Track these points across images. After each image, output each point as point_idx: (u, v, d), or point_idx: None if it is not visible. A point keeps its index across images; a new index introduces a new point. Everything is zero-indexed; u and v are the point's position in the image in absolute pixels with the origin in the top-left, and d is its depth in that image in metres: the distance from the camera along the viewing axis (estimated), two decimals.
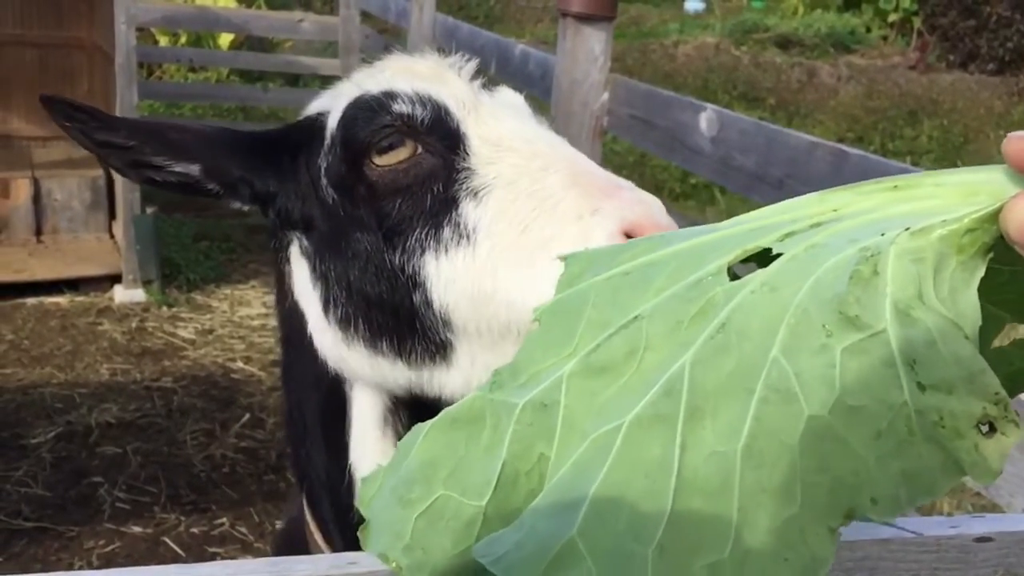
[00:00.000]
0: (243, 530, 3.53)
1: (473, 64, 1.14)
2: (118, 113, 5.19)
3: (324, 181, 1.07)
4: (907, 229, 0.52)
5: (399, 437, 1.08)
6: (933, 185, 0.55)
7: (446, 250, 0.99)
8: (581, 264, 0.59)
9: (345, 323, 1.05)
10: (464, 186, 0.99)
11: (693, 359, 0.52)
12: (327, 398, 1.11)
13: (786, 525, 0.48)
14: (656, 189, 7.74)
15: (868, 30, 14.22)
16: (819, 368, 0.49)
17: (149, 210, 5.33)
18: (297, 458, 1.18)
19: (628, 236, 0.92)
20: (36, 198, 5.60)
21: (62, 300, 5.28)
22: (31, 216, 5.60)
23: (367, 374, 1.06)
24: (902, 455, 0.47)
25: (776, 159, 2.24)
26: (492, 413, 0.56)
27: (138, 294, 5.35)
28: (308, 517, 1.18)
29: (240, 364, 4.78)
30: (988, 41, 12.74)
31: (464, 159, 1.01)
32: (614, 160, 7.87)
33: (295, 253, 1.11)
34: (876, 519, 0.47)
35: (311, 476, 1.15)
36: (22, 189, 5.56)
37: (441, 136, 1.02)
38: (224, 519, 3.57)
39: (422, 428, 0.58)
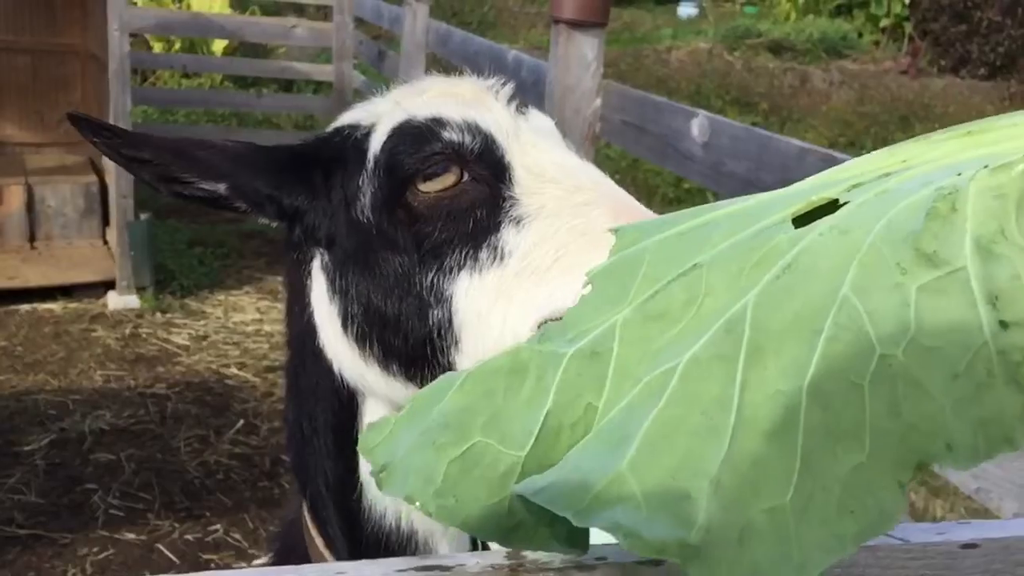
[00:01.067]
0: (237, 537, 3.52)
1: (510, 87, 1.13)
2: (111, 119, 5.18)
3: (362, 202, 1.06)
4: (986, 167, 0.49)
5: None
6: (1009, 126, 0.53)
7: (480, 271, 1.00)
8: (632, 236, 0.57)
9: (361, 340, 1.06)
10: (507, 214, 1.00)
11: (756, 300, 0.49)
12: (339, 409, 1.12)
13: (853, 474, 0.45)
14: (649, 194, 7.77)
15: (860, 35, 14.27)
16: (892, 307, 0.46)
17: (143, 216, 5.33)
18: (301, 464, 1.18)
19: None
20: (29, 204, 5.59)
21: (55, 307, 5.27)
22: (24, 222, 5.59)
23: (383, 391, 1.08)
24: (980, 400, 0.44)
25: (767, 165, 2.25)
26: (537, 364, 0.53)
27: (132, 300, 5.34)
28: (308, 522, 1.18)
29: (234, 370, 4.78)
30: (979, 46, 12.79)
31: (508, 188, 1.02)
32: (607, 165, 7.88)
33: (316, 267, 1.10)
34: (953, 466, 0.44)
35: (316, 482, 1.15)
36: (15, 195, 5.55)
37: (487, 165, 1.02)
38: (218, 526, 3.57)
39: (455, 378, 0.54)
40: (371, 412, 1.11)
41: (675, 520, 0.44)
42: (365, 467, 1.10)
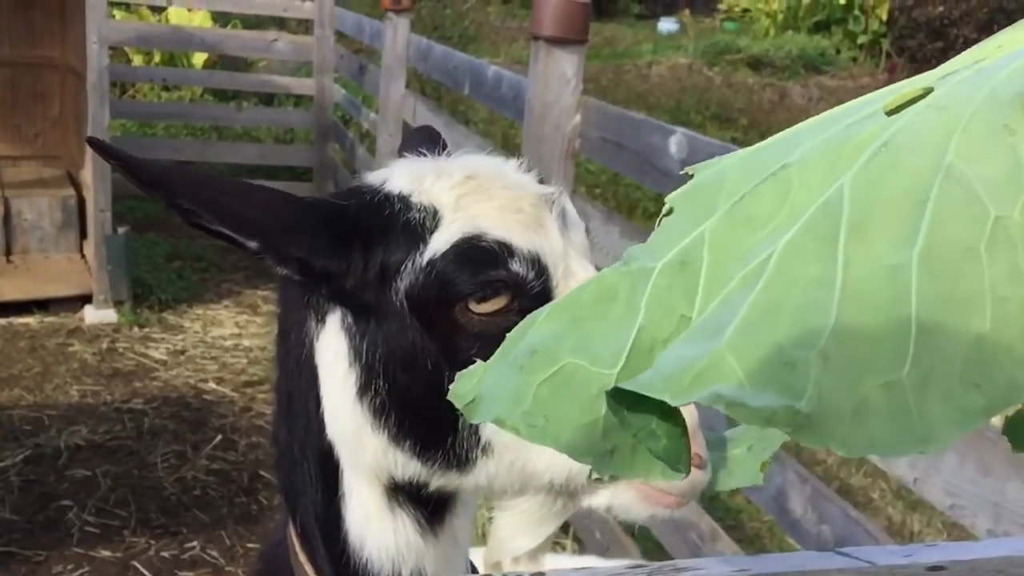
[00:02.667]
0: (214, 554, 3.50)
1: (563, 193, 1.13)
2: (90, 131, 5.15)
3: (397, 286, 1.04)
4: None
5: (414, 519, 1.11)
6: None
7: None
8: (710, 164, 0.54)
9: (379, 414, 1.05)
10: None
11: (853, 179, 0.46)
12: (328, 455, 1.12)
13: (976, 346, 0.42)
14: (630, 208, 7.79)
15: (838, 52, 14.41)
16: (1003, 168, 0.43)
17: (121, 230, 5.29)
18: (290, 487, 1.17)
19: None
20: (6, 218, 5.55)
21: (31, 321, 5.22)
22: (0, 236, 5.54)
23: (371, 459, 1.08)
24: None
25: None
26: (626, 284, 0.50)
27: (109, 315, 5.30)
28: (297, 547, 1.17)
29: (212, 385, 4.75)
30: None
31: None
32: (588, 179, 7.91)
33: (334, 321, 1.08)
34: None
35: (305, 508, 1.15)
36: None
37: (537, 296, 1.02)
38: (195, 542, 3.54)
39: (538, 313, 0.52)
40: (349, 476, 1.11)
41: (782, 390, 0.42)
42: (351, 513, 1.11)
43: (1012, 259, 0.42)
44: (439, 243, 1.03)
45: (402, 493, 1.11)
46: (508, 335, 0.53)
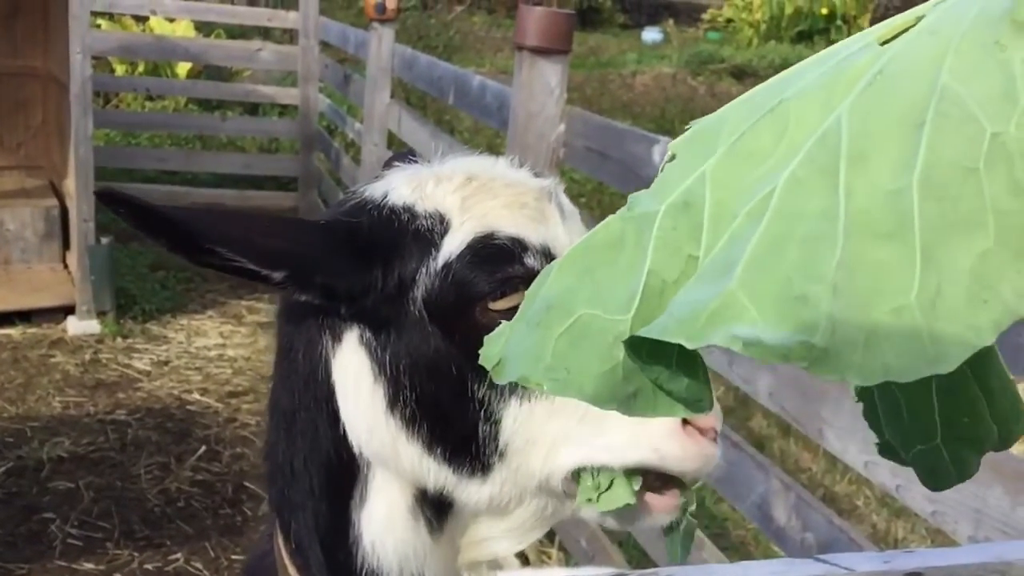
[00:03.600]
0: (198, 566, 3.48)
1: (560, 185, 1.16)
2: (72, 142, 5.14)
3: (418, 298, 1.05)
4: None
5: (427, 520, 1.13)
6: None
7: (530, 400, 1.04)
8: (706, 118, 0.55)
9: (411, 424, 1.07)
10: None
11: (849, 109, 0.47)
12: (341, 467, 1.13)
13: (981, 262, 0.42)
14: None
15: None
16: (997, 85, 0.44)
17: (104, 240, 5.27)
18: (284, 501, 1.17)
19: (684, 421, 1.02)
20: None
21: (14, 332, 5.19)
22: None
23: (412, 467, 1.09)
24: None
25: None
26: (632, 229, 0.51)
27: (92, 325, 5.27)
28: (285, 559, 1.17)
29: (196, 396, 4.72)
30: None
31: None
32: (572, 189, 7.93)
33: (351, 339, 1.09)
34: None
35: (301, 521, 1.15)
36: None
37: None
38: (179, 555, 3.51)
39: (550, 267, 0.53)
40: (386, 484, 1.12)
41: (796, 326, 0.43)
42: (364, 526, 1.12)
43: (1010, 173, 0.43)
44: (452, 246, 1.05)
45: (426, 498, 1.13)
46: (525, 294, 0.54)
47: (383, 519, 1.12)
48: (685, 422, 1.03)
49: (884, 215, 0.44)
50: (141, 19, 9.31)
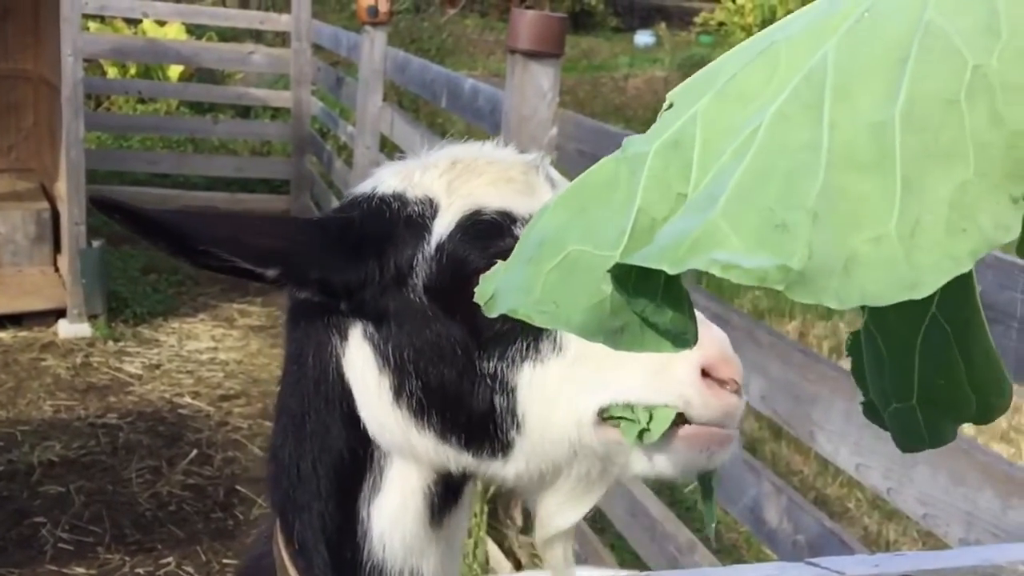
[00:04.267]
0: (189, 570, 3.46)
1: (548, 159, 1.16)
2: (63, 145, 5.13)
3: (414, 282, 1.07)
4: None
5: (432, 510, 1.13)
6: None
7: (542, 361, 1.03)
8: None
9: (419, 413, 1.07)
10: None
11: (836, 47, 0.48)
12: (352, 465, 1.14)
13: (960, 192, 0.43)
14: None
15: None
16: (980, 18, 0.45)
17: (95, 243, 5.25)
18: (289, 502, 1.17)
19: (704, 373, 1.00)
20: None
21: (4, 335, 5.17)
22: None
23: (428, 457, 1.10)
24: None
25: None
26: (624, 169, 0.52)
27: (83, 329, 5.26)
28: (286, 560, 1.17)
29: (188, 399, 4.71)
30: None
31: None
32: None
33: (356, 335, 1.10)
34: None
35: (306, 523, 1.16)
36: None
37: None
38: (170, 559, 3.50)
39: (545, 206, 0.55)
40: (400, 476, 1.13)
41: (774, 250, 0.44)
42: (374, 520, 1.13)
43: (991, 105, 0.43)
44: (442, 227, 1.06)
45: (438, 490, 1.13)
46: (522, 234, 0.56)
47: (393, 512, 1.13)
48: (705, 374, 1.01)
49: (866, 147, 0.45)
50: (133, 22, 9.29)
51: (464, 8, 16.36)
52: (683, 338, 0.51)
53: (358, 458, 1.14)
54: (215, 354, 5.26)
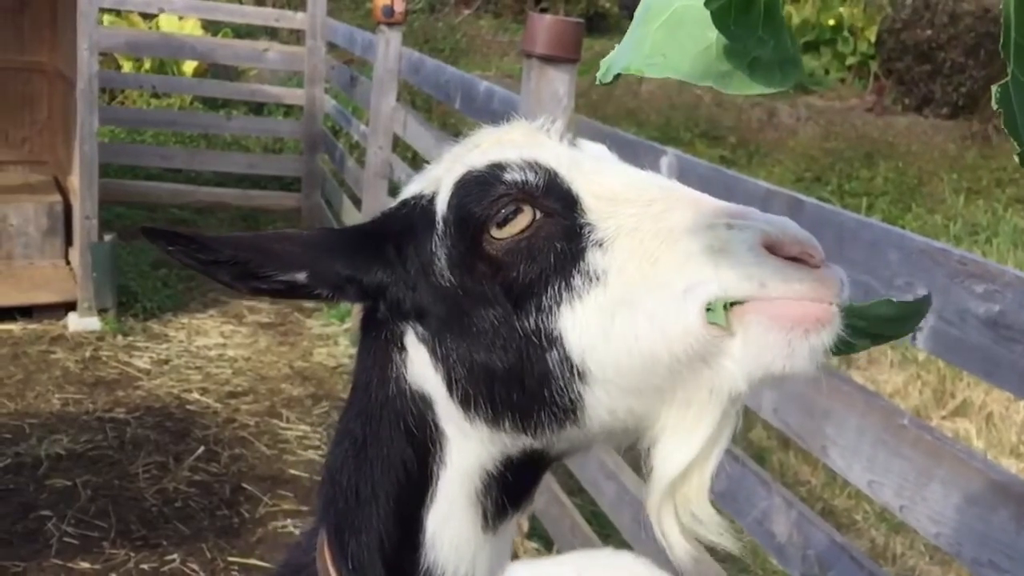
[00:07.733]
0: (194, 567, 3.46)
1: (560, 124, 1.14)
2: (77, 138, 5.14)
3: (439, 265, 1.06)
4: None
5: (485, 517, 1.11)
6: None
7: (579, 297, 0.97)
8: None
9: (465, 403, 1.05)
10: (588, 240, 0.99)
11: None
12: (413, 480, 1.13)
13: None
14: None
15: (827, 72, 14.50)
16: None
17: (107, 237, 5.26)
18: (345, 524, 1.17)
19: (769, 251, 0.89)
20: None
21: (14, 327, 5.18)
22: None
23: (482, 449, 1.08)
24: None
25: None
26: None
27: (93, 322, 5.27)
28: (331, 571, 1.16)
29: (196, 395, 4.71)
30: (942, 86, 13.04)
31: (582, 216, 1.00)
32: None
33: (411, 341, 1.10)
34: None
35: (363, 544, 1.15)
36: None
37: (556, 199, 1.01)
38: (175, 555, 3.50)
39: None
40: (454, 479, 1.10)
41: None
42: (429, 531, 1.12)
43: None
44: (442, 202, 1.07)
45: (490, 488, 1.10)
46: (635, 13, 0.64)
47: (447, 521, 1.11)
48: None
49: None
50: (149, 16, 9.31)
51: (478, 9, 16.34)
52: (788, 66, 0.57)
53: (417, 472, 1.12)
54: (224, 350, 5.26)
